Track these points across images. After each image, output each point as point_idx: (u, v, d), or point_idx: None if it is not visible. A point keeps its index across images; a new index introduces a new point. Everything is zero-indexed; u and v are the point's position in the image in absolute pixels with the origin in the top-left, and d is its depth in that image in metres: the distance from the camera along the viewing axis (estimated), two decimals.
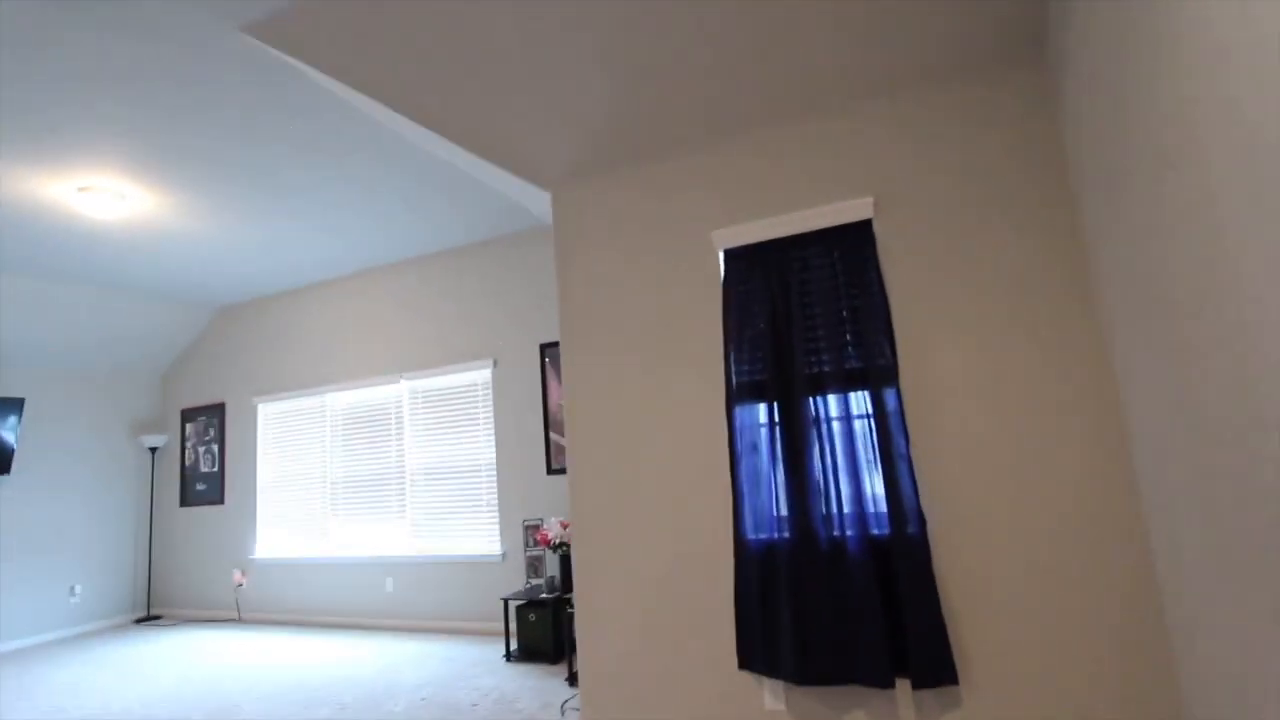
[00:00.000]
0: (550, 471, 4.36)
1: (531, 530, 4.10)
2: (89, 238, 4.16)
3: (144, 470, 6.07)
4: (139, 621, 5.70)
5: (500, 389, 4.63)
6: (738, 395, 2.34)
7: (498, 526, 4.51)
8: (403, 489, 4.90)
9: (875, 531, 2.14)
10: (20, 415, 5.10)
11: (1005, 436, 2.09)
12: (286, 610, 5.24)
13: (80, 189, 3.51)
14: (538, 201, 3.30)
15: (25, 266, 4.52)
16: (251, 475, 5.60)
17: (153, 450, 6.04)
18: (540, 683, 3.36)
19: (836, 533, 2.17)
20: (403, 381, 4.99)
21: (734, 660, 2.32)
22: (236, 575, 5.50)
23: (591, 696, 2.56)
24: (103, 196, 3.59)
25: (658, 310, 2.61)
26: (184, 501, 5.91)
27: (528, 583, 4.05)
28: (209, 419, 5.89)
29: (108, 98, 2.76)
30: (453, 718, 2.98)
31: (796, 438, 2.24)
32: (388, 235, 4.53)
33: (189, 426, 6.01)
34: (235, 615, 5.46)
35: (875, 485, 2.16)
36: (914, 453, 2.17)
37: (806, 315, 2.30)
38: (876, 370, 2.16)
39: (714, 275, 2.51)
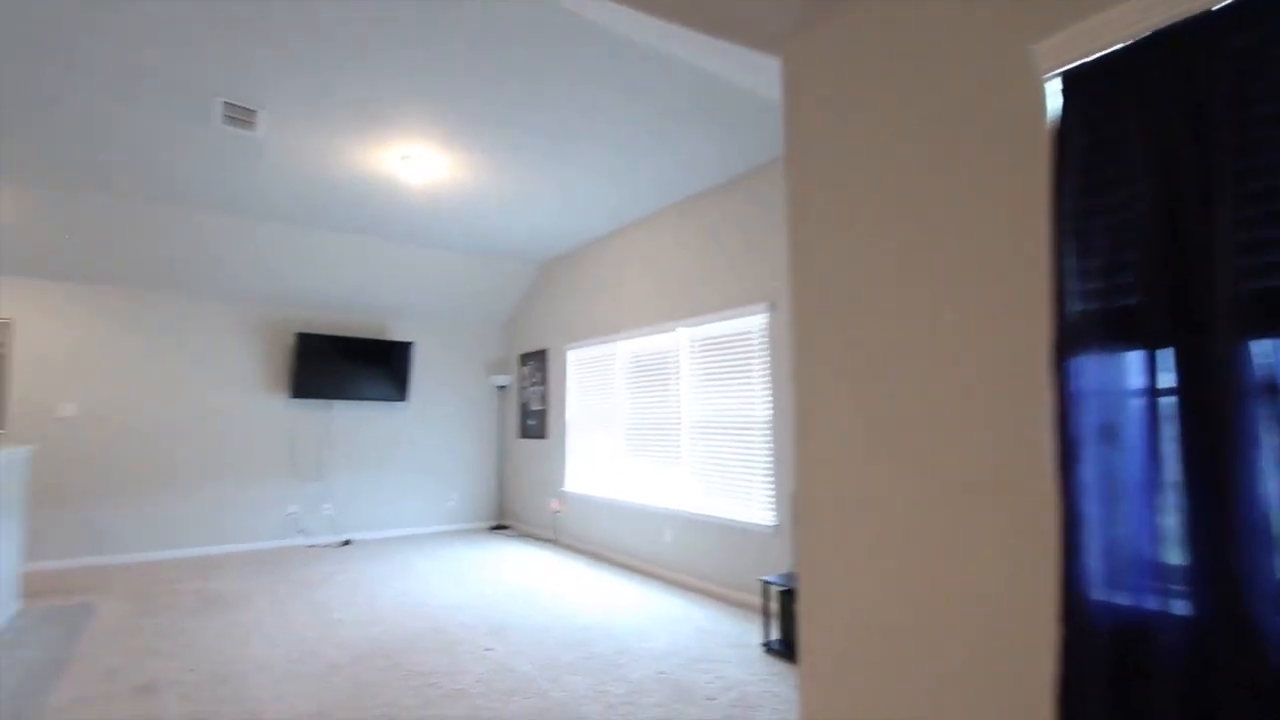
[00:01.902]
0: None
1: None
2: (425, 204, 4.85)
3: (494, 405, 7.23)
4: (492, 529, 6.86)
5: (776, 336, 3.98)
6: (1080, 335, 1.28)
7: (772, 492, 3.94)
8: (682, 440, 4.70)
9: None
10: (410, 356, 6.47)
11: None
12: (586, 540, 5.62)
13: (403, 158, 4.03)
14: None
15: (400, 237, 5.59)
16: (563, 415, 6.13)
17: (500, 388, 7.13)
18: (792, 693, 2.75)
19: None
20: (679, 329, 4.73)
21: None
22: (554, 503, 6.13)
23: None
24: (420, 163, 4.07)
25: (924, 196, 1.64)
26: (521, 434, 6.84)
27: (795, 566, 3.41)
28: (536, 363, 6.65)
29: (428, 71, 2.98)
30: (680, 706, 2.60)
31: (1216, 421, 1.11)
32: (663, 176, 4.24)
33: (523, 369, 6.89)
34: (553, 537, 6.12)
35: None
36: None
37: (1250, 174, 1.11)
38: None
39: (1028, 126, 1.43)
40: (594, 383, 5.80)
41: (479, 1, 2.53)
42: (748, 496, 4.14)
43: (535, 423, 6.57)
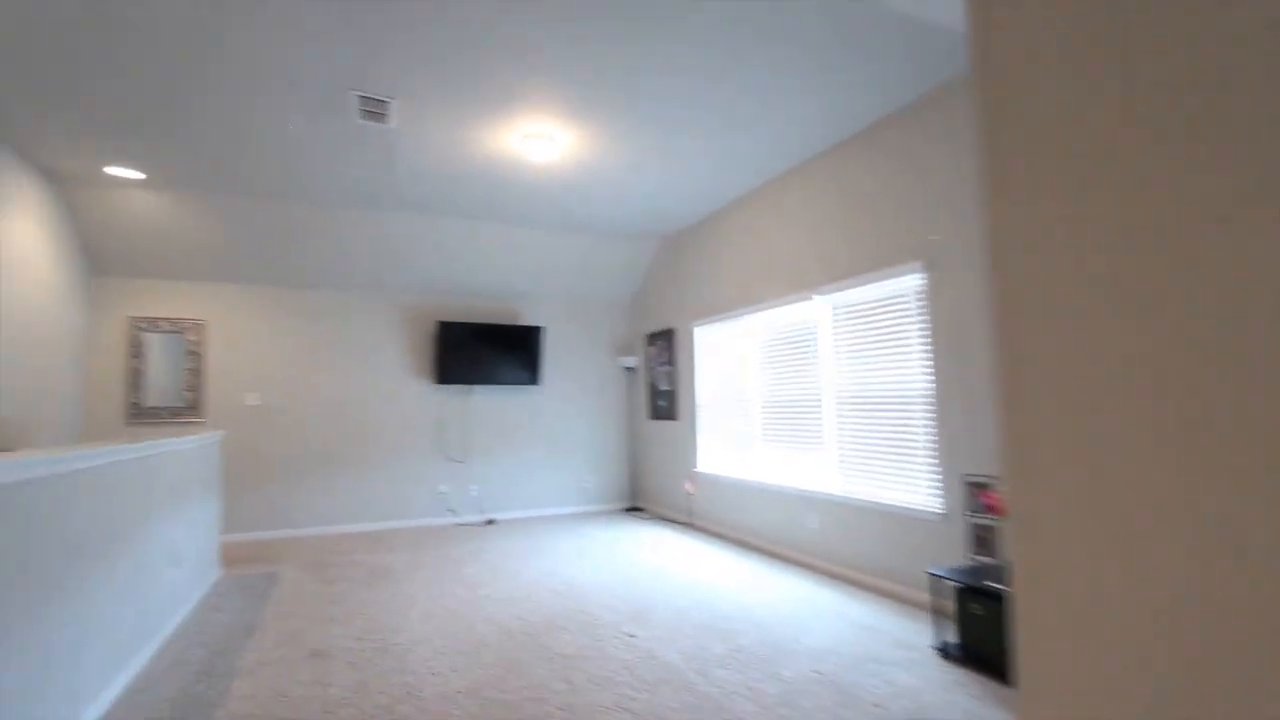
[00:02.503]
0: None
1: (977, 490, 2.97)
2: (545, 184, 4.82)
3: (623, 386, 7.19)
4: (626, 510, 6.86)
5: (936, 299, 3.50)
6: None
7: (938, 475, 3.50)
8: (824, 418, 4.33)
9: None
10: (541, 340, 6.57)
11: None
12: (722, 524, 5.42)
13: (524, 137, 3.99)
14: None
15: (524, 220, 5.64)
16: (693, 395, 5.94)
17: (628, 369, 7.08)
18: (979, 708, 2.37)
19: None
20: (816, 298, 4.34)
21: None
22: (687, 484, 5.98)
23: None
24: (539, 142, 4.00)
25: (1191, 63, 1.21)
26: (651, 415, 6.75)
27: (970, 558, 2.97)
28: (664, 342, 6.50)
29: (551, 42, 2.89)
30: (845, 713, 2.32)
31: None
32: (791, 131, 3.87)
33: (651, 349, 6.78)
34: (687, 520, 5.98)
35: None
36: None
37: None
38: None
39: None
40: (725, 360, 5.54)
41: None
42: (906, 479, 3.71)
43: (665, 403, 6.45)
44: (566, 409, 6.88)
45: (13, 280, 4.16)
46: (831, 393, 4.28)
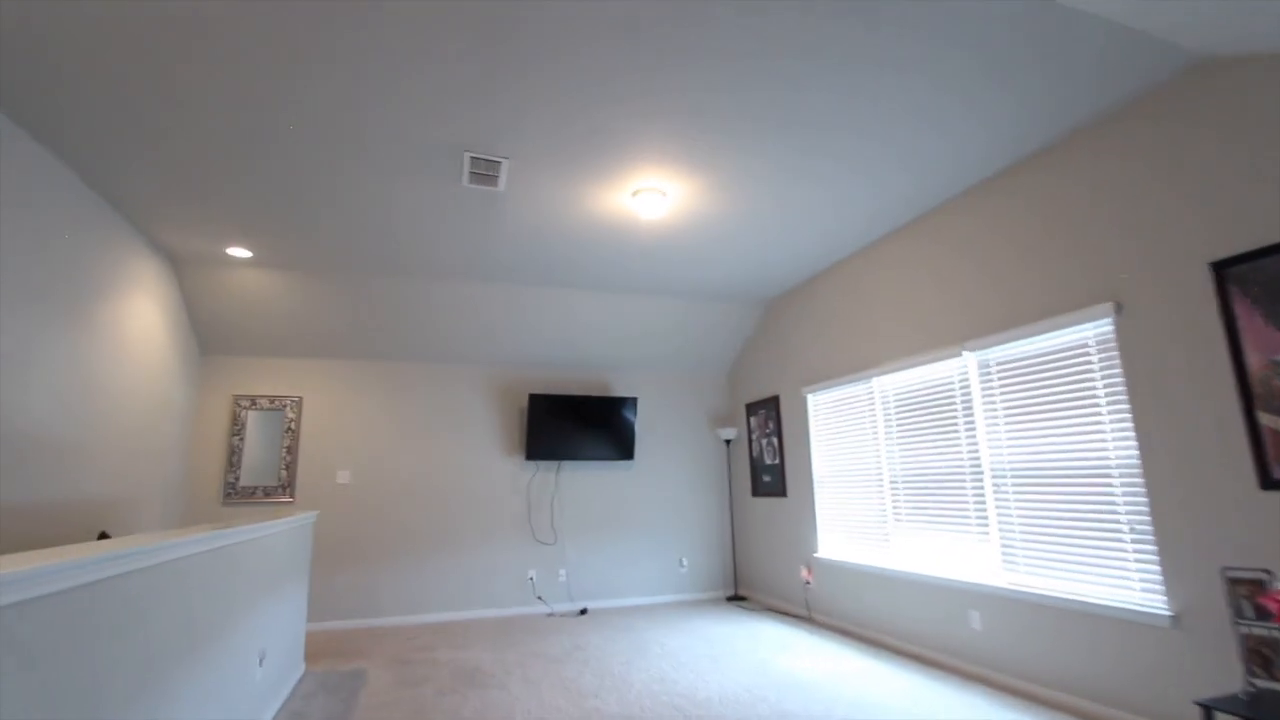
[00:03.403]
0: (1268, 484, 2.40)
1: (1245, 588, 2.27)
2: (648, 245, 4.58)
3: (722, 460, 6.66)
4: (729, 599, 6.16)
5: (1132, 347, 2.92)
6: None
7: (1154, 566, 2.79)
8: (982, 494, 3.68)
9: None
10: (633, 411, 6.20)
11: None
12: (852, 620, 4.67)
13: (634, 193, 3.78)
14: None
15: (622, 287, 5.42)
16: (807, 469, 5.35)
17: (727, 442, 6.57)
18: None
19: None
20: (965, 354, 3.80)
21: None
22: (804, 572, 5.29)
23: None
24: (650, 196, 3.78)
25: None
26: (754, 491, 6.16)
27: (1250, 683, 2.23)
28: (767, 412, 6.00)
29: (666, 90, 2.70)
30: None
31: None
32: (929, 170, 3.49)
33: (752, 419, 6.27)
34: (805, 613, 5.24)
35: None
36: None
37: None
38: None
39: None
40: (846, 429, 4.98)
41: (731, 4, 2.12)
42: (1105, 570, 2.99)
43: (771, 479, 5.87)
44: (661, 486, 6.39)
45: (134, 360, 4.20)
46: (988, 464, 3.64)
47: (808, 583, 5.24)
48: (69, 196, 3.42)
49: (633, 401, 6.19)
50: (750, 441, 6.28)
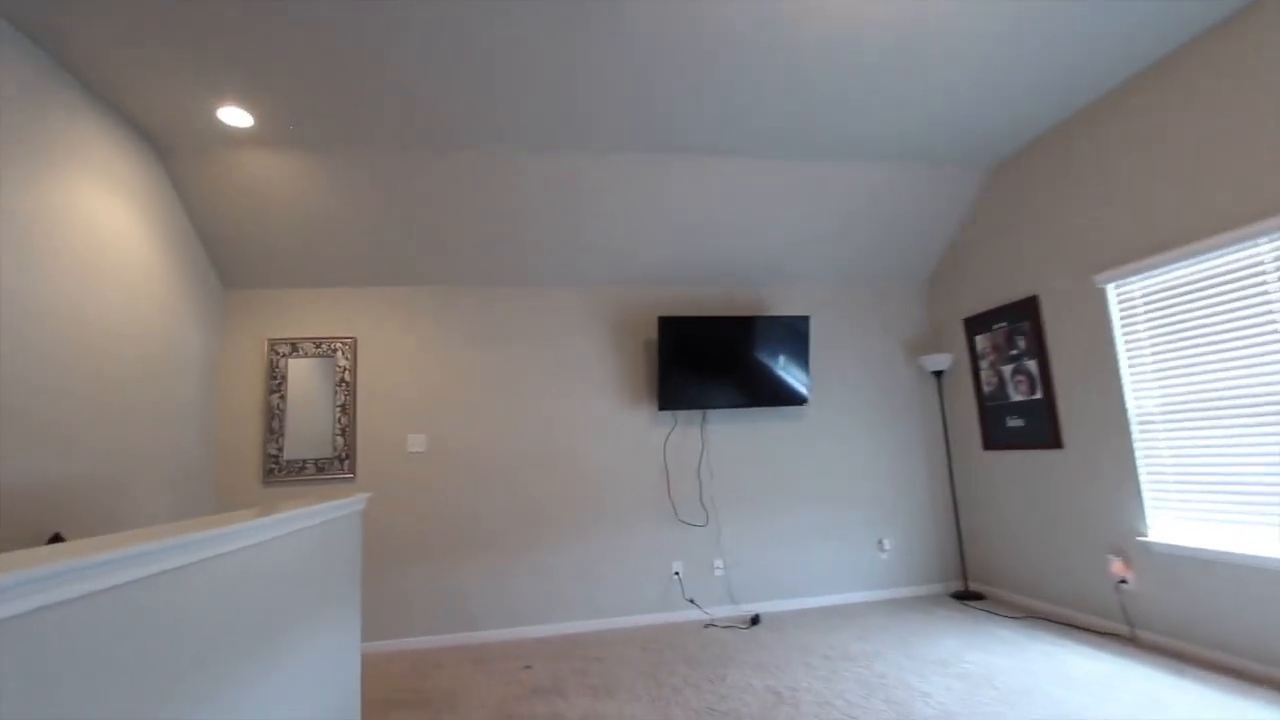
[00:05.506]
0: None
1: None
2: (845, 57, 2.68)
3: (931, 399, 4.75)
4: (955, 596, 4.33)
5: None
6: None
7: None
8: None
9: None
10: (806, 335, 4.37)
11: None
12: (1234, 648, 2.74)
13: None
14: None
15: (783, 147, 3.54)
16: (1113, 403, 3.38)
17: (936, 374, 4.65)
18: None
19: None
20: None
21: None
22: (1114, 565, 3.37)
23: None
24: None
25: None
26: (989, 443, 4.24)
27: None
28: (1011, 324, 4.03)
29: None
30: None
31: None
32: None
33: (979, 340, 4.31)
34: (1119, 627, 3.34)
35: None
36: None
37: None
38: None
39: None
40: (1200, 331, 2.97)
41: None
42: None
43: (1025, 422, 3.93)
44: (846, 440, 4.58)
45: (116, 290, 2.81)
46: None
47: (1122, 581, 3.32)
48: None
49: (803, 321, 4.37)
50: (977, 372, 4.33)
